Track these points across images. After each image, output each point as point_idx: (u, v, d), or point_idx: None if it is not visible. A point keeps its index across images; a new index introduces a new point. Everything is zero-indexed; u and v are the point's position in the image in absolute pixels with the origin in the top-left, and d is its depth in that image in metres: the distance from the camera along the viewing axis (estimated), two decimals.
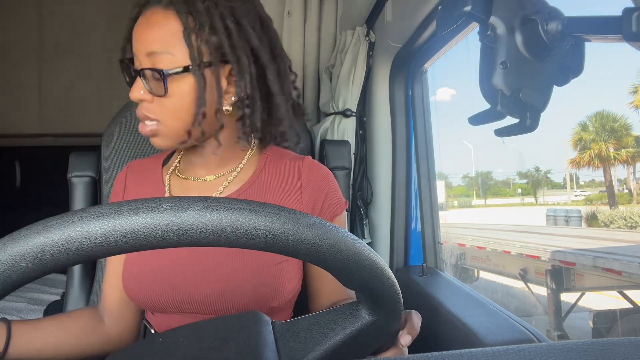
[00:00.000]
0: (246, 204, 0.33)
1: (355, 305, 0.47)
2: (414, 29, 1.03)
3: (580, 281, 5.34)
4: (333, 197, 0.80)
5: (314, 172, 0.79)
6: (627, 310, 4.98)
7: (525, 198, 26.36)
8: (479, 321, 0.80)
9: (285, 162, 0.80)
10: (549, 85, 0.42)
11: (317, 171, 0.79)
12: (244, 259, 0.70)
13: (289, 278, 0.72)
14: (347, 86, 1.28)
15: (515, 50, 0.41)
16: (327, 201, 0.79)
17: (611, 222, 12.24)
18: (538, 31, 0.40)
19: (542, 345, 0.34)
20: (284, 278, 0.71)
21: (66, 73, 2.80)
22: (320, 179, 0.79)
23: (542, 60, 0.42)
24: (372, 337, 0.48)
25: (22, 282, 0.31)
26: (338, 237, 0.35)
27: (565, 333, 5.41)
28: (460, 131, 32.13)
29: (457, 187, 25.93)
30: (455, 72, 23.13)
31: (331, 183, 0.80)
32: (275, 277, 0.70)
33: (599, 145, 18.17)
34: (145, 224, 0.31)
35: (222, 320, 0.51)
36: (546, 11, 0.41)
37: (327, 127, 1.32)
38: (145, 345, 0.49)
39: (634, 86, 16.65)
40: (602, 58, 35.38)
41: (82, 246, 0.30)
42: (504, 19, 0.40)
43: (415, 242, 1.26)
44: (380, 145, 1.29)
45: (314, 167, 0.80)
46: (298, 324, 0.48)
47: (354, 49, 1.26)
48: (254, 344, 0.44)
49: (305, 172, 0.78)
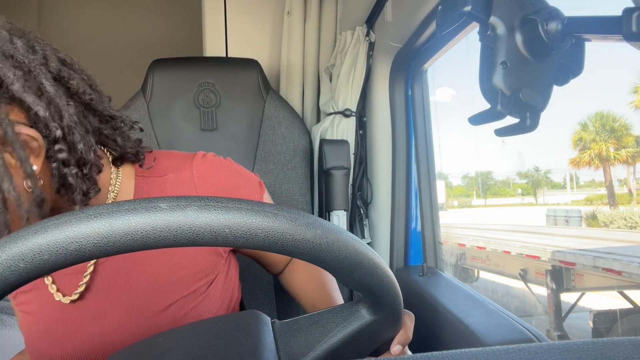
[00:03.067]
0: (244, 204, 0.33)
1: (355, 304, 0.47)
2: (414, 29, 1.03)
3: (580, 281, 5.34)
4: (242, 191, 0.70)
5: (211, 179, 0.67)
6: (627, 310, 4.98)
7: (525, 198, 26.40)
8: (479, 321, 0.80)
9: (170, 179, 0.67)
10: (549, 85, 0.42)
11: (213, 176, 0.68)
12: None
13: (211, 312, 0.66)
14: (347, 86, 1.28)
15: (515, 50, 0.41)
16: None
17: (611, 222, 12.23)
18: (538, 31, 0.40)
19: (542, 345, 0.34)
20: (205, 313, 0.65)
21: None
22: (219, 184, 0.68)
23: (542, 60, 0.42)
24: (372, 336, 0.48)
25: (21, 283, 0.31)
26: (337, 237, 0.35)
27: (565, 333, 5.41)
28: (460, 131, 32.21)
29: (457, 187, 25.97)
30: (455, 72, 23.11)
31: (234, 180, 0.69)
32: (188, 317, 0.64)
33: (598, 145, 18.17)
34: (143, 224, 0.31)
35: (222, 320, 0.51)
36: (546, 11, 0.41)
37: (327, 127, 1.32)
38: (145, 345, 0.49)
39: (634, 86, 16.67)
40: (602, 58, 35.49)
41: (80, 247, 0.30)
42: (504, 19, 0.40)
43: (415, 242, 1.26)
44: (380, 145, 1.29)
45: (208, 173, 0.68)
46: (298, 324, 0.48)
47: (354, 49, 1.26)
48: (254, 343, 0.44)
49: (198, 180, 0.67)
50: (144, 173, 0.67)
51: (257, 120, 1.25)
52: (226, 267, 0.70)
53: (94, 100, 0.59)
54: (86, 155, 0.55)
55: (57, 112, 0.52)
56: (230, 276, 0.71)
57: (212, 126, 1.23)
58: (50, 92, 0.52)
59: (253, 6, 1.56)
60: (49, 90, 0.52)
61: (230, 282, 0.71)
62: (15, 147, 0.49)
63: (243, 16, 1.56)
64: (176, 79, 1.23)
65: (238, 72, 1.26)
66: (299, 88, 1.48)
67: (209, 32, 1.56)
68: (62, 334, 0.63)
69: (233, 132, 1.23)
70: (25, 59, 0.51)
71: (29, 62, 0.51)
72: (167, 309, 0.63)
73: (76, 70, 0.58)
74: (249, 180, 0.72)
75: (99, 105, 0.60)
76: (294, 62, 1.47)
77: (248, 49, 1.56)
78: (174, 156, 0.71)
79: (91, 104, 0.59)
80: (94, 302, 0.64)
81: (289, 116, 1.27)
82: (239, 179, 0.71)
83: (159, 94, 1.22)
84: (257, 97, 1.25)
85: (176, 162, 0.69)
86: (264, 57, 1.55)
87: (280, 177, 1.24)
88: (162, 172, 0.67)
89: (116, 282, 0.64)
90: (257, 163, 1.23)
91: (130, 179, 0.66)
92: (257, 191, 0.73)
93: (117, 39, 2.59)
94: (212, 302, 0.66)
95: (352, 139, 1.31)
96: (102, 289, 0.64)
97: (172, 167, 0.68)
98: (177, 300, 0.64)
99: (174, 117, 1.21)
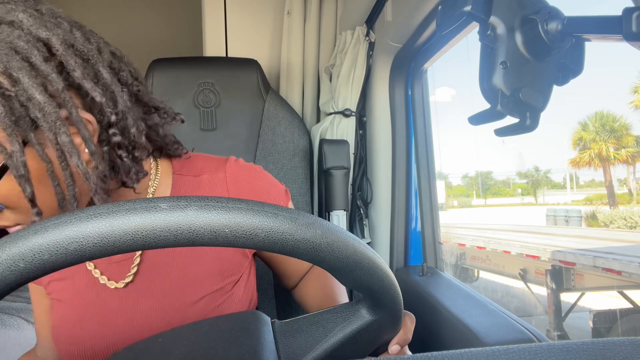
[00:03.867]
0: (244, 204, 0.33)
1: (355, 304, 0.47)
2: (414, 29, 1.03)
3: (580, 281, 5.34)
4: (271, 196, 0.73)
5: (242, 181, 0.70)
6: (627, 310, 4.98)
7: (525, 198, 26.39)
8: (479, 321, 0.80)
9: (205, 179, 0.70)
10: (549, 85, 0.42)
11: (245, 179, 0.71)
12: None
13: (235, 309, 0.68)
14: (347, 86, 1.28)
15: (515, 50, 0.41)
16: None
17: (611, 222, 12.24)
18: (538, 31, 0.40)
19: (542, 345, 0.34)
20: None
21: None
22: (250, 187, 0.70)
23: (542, 60, 0.42)
24: (372, 336, 0.48)
25: (21, 283, 0.31)
26: (337, 236, 0.35)
27: (565, 333, 5.41)
28: (460, 131, 32.21)
29: (457, 186, 25.98)
30: (455, 72, 23.08)
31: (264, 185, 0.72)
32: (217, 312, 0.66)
33: (598, 145, 18.18)
34: (143, 223, 0.31)
35: (222, 320, 0.51)
36: (546, 11, 0.41)
37: (327, 126, 1.32)
38: (146, 345, 0.49)
39: (634, 86, 16.66)
40: (602, 58, 35.47)
41: (80, 246, 0.30)
42: (504, 19, 0.40)
43: (415, 242, 1.26)
44: (380, 145, 1.29)
45: (240, 176, 0.71)
46: (297, 324, 0.48)
47: (354, 49, 1.26)
48: (254, 343, 0.44)
49: (230, 182, 0.69)
50: (181, 171, 0.70)
51: (257, 120, 1.25)
52: (249, 269, 0.72)
53: (140, 92, 0.62)
54: (138, 138, 0.58)
55: (112, 98, 0.55)
56: (250, 280, 0.73)
57: (211, 126, 1.23)
58: (107, 78, 0.55)
59: (253, 6, 1.56)
60: (105, 77, 0.55)
61: (250, 284, 0.73)
62: (80, 127, 0.52)
63: (243, 16, 1.56)
64: (176, 78, 1.23)
65: (238, 72, 1.26)
66: (299, 88, 1.48)
67: (209, 32, 1.56)
68: (96, 322, 0.65)
69: (233, 132, 1.23)
70: (85, 48, 0.54)
71: (88, 51, 0.54)
72: (196, 303, 0.65)
73: (125, 62, 0.62)
74: (277, 188, 0.75)
75: (145, 96, 0.64)
76: (294, 62, 1.47)
77: (248, 49, 1.56)
78: (207, 158, 0.74)
79: (138, 95, 0.62)
80: (130, 292, 0.66)
81: (288, 116, 1.27)
82: (267, 185, 0.74)
83: (158, 93, 1.21)
84: (256, 97, 1.25)
85: (210, 164, 0.72)
86: (263, 57, 1.55)
87: (280, 177, 1.24)
88: (198, 172, 0.70)
89: (151, 274, 0.66)
90: (256, 163, 1.23)
91: (168, 176, 0.69)
92: (283, 198, 0.76)
93: (117, 38, 2.59)
94: (236, 302, 0.68)
95: (352, 139, 1.31)
96: (140, 279, 0.66)
97: (207, 168, 0.71)
98: (206, 296, 0.66)
99: None
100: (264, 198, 0.71)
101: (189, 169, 0.71)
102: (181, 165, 0.71)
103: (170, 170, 0.70)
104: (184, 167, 0.71)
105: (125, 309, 0.65)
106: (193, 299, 0.65)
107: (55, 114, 0.49)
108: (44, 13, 0.53)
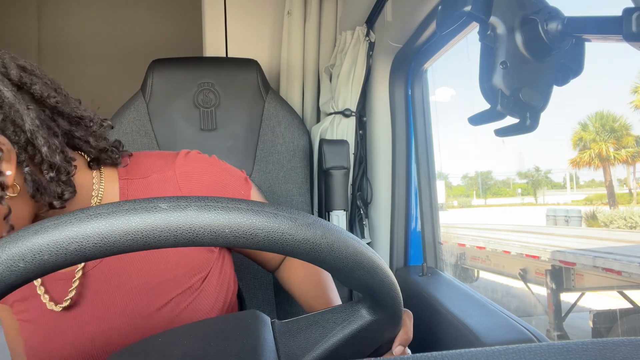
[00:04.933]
0: (244, 204, 0.33)
1: (355, 304, 0.47)
2: (414, 29, 1.03)
3: (580, 281, 5.33)
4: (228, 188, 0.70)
5: (195, 177, 0.67)
6: (627, 310, 4.98)
7: (525, 198, 26.40)
8: (479, 321, 0.80)
9: (154, 179, 0.67)
10: (549, 85, 0.42)
11: (197, 173, 0.68)
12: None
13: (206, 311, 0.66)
14: (347, 86, 1.28)
15: (515, 50, 0.41)
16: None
17: (611, 222, 12.23)
18: (538, 31, 0.40)
19: (541, 345, 0.34)
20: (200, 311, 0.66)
21: (64, 74, 2.80)
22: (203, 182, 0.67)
23: (542, 60, 0.42)
24: (372, 336, 0.48)
25: (21, 283, 0.31)
26: (337, 237, 0.35)
27: (565, 333, 5.41)
28: (460, 131, 32.27)
29: (457, 186, 25.99)
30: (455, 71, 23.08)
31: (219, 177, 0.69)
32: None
33: (598, 145, 18.18)
34: (143, 224, 0.31)
35: (221, 320, 0.51)
36: (546, 11, 0.41)
37: (327, 126, 1.32)
38: (145, 345, 0.49)
39: (634, 86, 16.67)
40: (603, 58, 35.51)
41: (80, 247, 0.30)
42: (504, 19, 0.40)
43: (415, 242, 1.26)
44: (380, 145, 1.29)
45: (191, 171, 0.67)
46: (297, 324, 0.48)
47: (354, 49, 1.26)
48: (253, 343, 0.44)
49: (181, 179, 0.66)
50: (127, 175, 0.67)
51: (257, 120, 1.25)
52: (220, 262, 0.70)
53: (59, 103, 0.59)
54: (51, 158, 0.55)
55: (20, 118, 0.53)
56: (225, 270, 0.71)
57: (211, 126, 1.23)
58: (9, 97, 0.52)
59: (253, 6, 1.56)
60: (7, 96, 0.52)
61: (225, 275, 0.71)
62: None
63: (243, 16, 1.56)
64: (176, 79, 1.23)
65: (238, 72, 1.26)
66: (298, 88, 1.48)
67: (209, 32, 1.56)
68: (61, 341, 0.63)
69: (233, 132, 1.23)
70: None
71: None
72: (163, 308, 0.64)
73: (38, 75, 0.58)
74: (235, 177, 0.72)
75: (65, 107, 0.60)
76: (294, 62, 1.47)
77: (248, 49, 1.56)
78: (156, 156, 0.70)
79: (57, 107, 0.59)
80: (89, 307, 0.64)
81: (288, 116, 1.27)
82: (223, 176, 0.70)
83: (158, 94, 1.22)
84: (256, 97, 1.25)
85: (159, 162, 0.69)
86: (263, 57, 1.55)
87: (280, 177, 1.24)
88: (146, 173, 0.67)
89: (110, 285, 0.64)
90: (256, 163, 1.23)
91: (113, 183, 0.66)
92: (243, 187, 0.73)
93: (117, 39, 2.59)
94: (207, 297, 0.66)
95: (352, 139, 1.31)
96: (96, 293, 0.64)
97: (155, 167, 0.68)
98: (173, 298, 0.64)
99: (174, 117, 1.21)
100: (221, 191, 0.69)
101: (136, 172, 0.67)
102: (127, 170, 0.68)
103: (116, 177, 0.67)
104: (130, 170, 0.68)
105: (84, 326, 0.64)
106: (158, 304, 0.63)
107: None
108: None
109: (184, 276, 0.65)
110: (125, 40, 2.59)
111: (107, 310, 0.64)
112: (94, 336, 0.63)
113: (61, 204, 0.57)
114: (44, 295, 0.64)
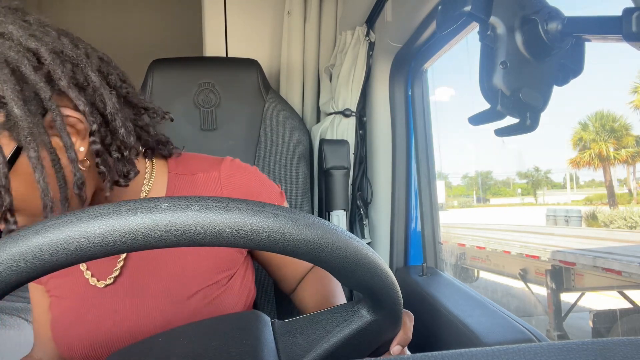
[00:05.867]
0: (245, 204, 0.33)
1: (355, 304, 0.47)
2: (414, 29, 1.03)
3: (580, 281, 5.34)
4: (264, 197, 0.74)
5: (236, 181, 0.71)
6: (627, 310, 4.98)
7: (525, 198, 26.39)
8: (479, 321, 0.80)
9: (200, 177, 0.71)
10: (549, 85, 0.42)
11: (239, 178, 0.72)
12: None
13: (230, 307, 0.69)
14: (347, 86, 1.28)
15: (515, 50, 0.41)
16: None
17: (611, 222, 12.24)
18: (538, 31, 0.40)
19: (542, 345, 0.34)
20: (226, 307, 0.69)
21: None
22: (243, 187, 0.71)
23: (542, 60, 0.42)
24: (372, 336, 0.48)
25: (21, 283, 0.31)
26: (337, 237, 0.35)
27: (565, 333, 5.41)
28: (460, 131, 32.18)
29: (457, 186, 25.98)
30: (455, 71, 23.05)
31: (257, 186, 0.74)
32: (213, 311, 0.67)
33: (598, 145, 18.19)
34: (143, 223, 0.31)
35: (221, 320, 0.51)
36: (546, 11, 0.41)
37: (327, 126, 1.32)
38: (145, 345, 0.49)
39: (634, 86, 16.67)
40: (603, 58, 35.41)
41: (80, 246, 0.30)
42: (504, 19, 0.40)
43: (415, 242, 1.26)
44: (380, 145, 1.29)
45: (234, 175, 0.72)
46: (298, 324, 0.48)
47: (354, 49, 1.26)
48: (254, 343, 0.44)
49: (224, 181, 0.71)
50: (176, 170, 0.72)
51: (257, 120, 1.25)
52: (245, 266, 0.74)
53: (129, 94, 0.64)
54: (127, 139, 0.60)
55: (102, 101, 0.57)
56: (247, 275, 0.75)
57: (211, 126, 1.23)
58: (96, 82, 0.57)
59: (253, 6, 1.56)
60: (94, 80, 0.57)
61: (247, 281, 0.74)
62: (62, 135, 0.53)
63: (243, 16, 1.56)
64: (176, 79, 1.23)
65: (238, 72, 1.26)
66: (299, 88, 1.48)
67: (209, 32, 1.56)
68: (94, 317, 0.66)
69: (233, 132, 1.23)
70: (73, 53, 0.56)
71: (77, 56, 0.56)
72: (193, 297, 0.66)
73: (113, 66, 0.64)
74: (271, 189, 0.77)
75: (133, 97, 0.65)
76: (294, 62, 1.47)
77: (248, 49, 1.56)
78: (201, 158, 0.76)
79: (127, 97, 0.64)
80: (126, 287, 0.67)
81: (288, 116, 1.27)
82: (261, 186, 0.75)
83: (158, 93, 1.22)
84: (256, 97, 1.25)
85: (205, 163, 0.74)
86: (264, 57, 1.55)
87: (280, 177, 1.24)
88: (193, 170, 0.72)
89: (147, 268, 0.68)
90: (256, 163, 1.23)
91: (163, 175, 0.71)
92: (277, 199, 0.77)
93: (117, 39, 2.59)
94: (231, 295, 0.69)
95: (352, 139, 1.31)
96: (134, 274, 0.68)
97: (201, 167, 0.73)
98: (202, 289, 0.67)
99: (174, 117, 1.21)
100: (257, 198, 0.72)
101: (185, 168, 0.72)
102: (177, 164, 0.73)
103: (165, 170, 0.72)
104: (179, 165, 0.73)
105: (119, 305, 0.67)
106: (189, 292, 0.66)
107: (27, 129, 0.50)
108: (32, 23, 0.55)
109: (213, 270, 0.68)
110: (126, 40, 2.59)
111: (142, 292, 0.67)
112: (125, 316, 0.66)
113: (126, 182, 0.62)
114: (86, 272, 0.68)
